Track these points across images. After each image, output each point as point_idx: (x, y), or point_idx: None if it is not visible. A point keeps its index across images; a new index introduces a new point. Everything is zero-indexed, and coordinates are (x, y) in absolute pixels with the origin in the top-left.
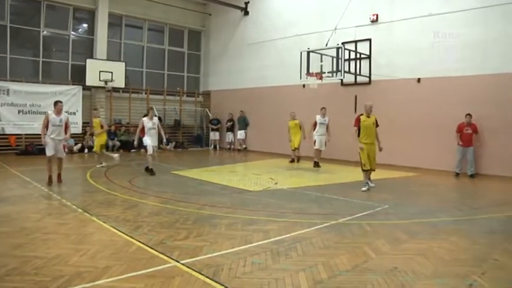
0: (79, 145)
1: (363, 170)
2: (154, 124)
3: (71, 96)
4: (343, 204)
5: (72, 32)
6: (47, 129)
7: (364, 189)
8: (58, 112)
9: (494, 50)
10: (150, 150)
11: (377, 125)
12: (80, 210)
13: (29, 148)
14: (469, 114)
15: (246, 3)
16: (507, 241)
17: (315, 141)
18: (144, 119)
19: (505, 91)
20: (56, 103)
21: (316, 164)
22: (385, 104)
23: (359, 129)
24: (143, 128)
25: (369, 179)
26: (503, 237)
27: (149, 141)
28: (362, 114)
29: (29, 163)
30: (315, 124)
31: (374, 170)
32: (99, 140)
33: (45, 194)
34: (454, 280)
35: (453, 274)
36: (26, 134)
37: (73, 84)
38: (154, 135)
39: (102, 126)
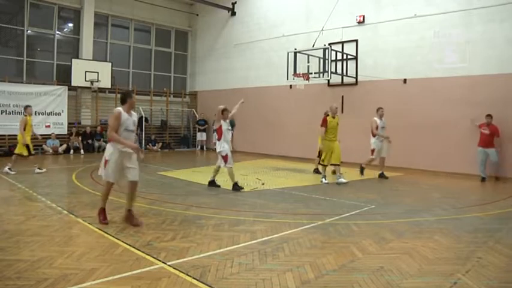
0: (64, 146)
1: (323, 165)
2: (229, 125)
3: (56, 96)
4: (330, 205)
5: (57, 32)
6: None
7: (325, 181)
8: (130, 108)
9: (477, 51)
10: (230, 162)
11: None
12: (65, 212)
13: (12, 149)
14: (489, 115)
15: (233, 4)
16: (490, 239)
17: (373, 150)
18: (222, 122)
19: (488, 92)
20: (127, 95)
21: (383, 175)
22: (372, 104)
23: (326, 130)
24: (220, 129)
25: (341, 173)
26: (486, 236)
27: (227, 146)
28: (328, 116)
29: None
30: (376, 128)
31: (339, 165)
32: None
33: (29, 196)
34: (439, 278)
35: (438, 273)
36: (9, 135)
37: (58, 85)
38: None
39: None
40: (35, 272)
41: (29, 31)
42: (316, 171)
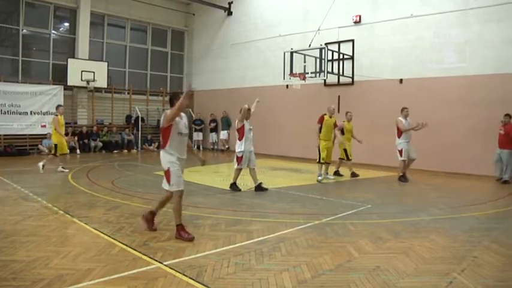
0: None
1: (321, 163)
2: (251, 125)
3: (52, 96)
4: (326, 204)
5: (53, 31)
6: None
7: (320, 178)
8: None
9: (473, 51)
10: (244, 164)
11: (335, 126)
12: (61, 212)
13: (8, 149)
14: (507, 115)
15: (230, 4)
16: (486, 238)
17: (401, 150)
18: (244, 121)
19: (485, 91)
20: (175, 96)
21: (404, 177)
22: (368, 104)
23: (321, 127)
24: (242, 128)
25: (327, 172)
26: (482, 235)
27: (247, 147)
28: (325, 114)
29: (8, 164)
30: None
31: (329, 164)
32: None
33: (25, 196)
34: (435, 277)
35: (434, 272)
36: (4, 135)
37: (54, 84)
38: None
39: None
40: (30, 273)
41: (24, 30)
42: (337, 173)
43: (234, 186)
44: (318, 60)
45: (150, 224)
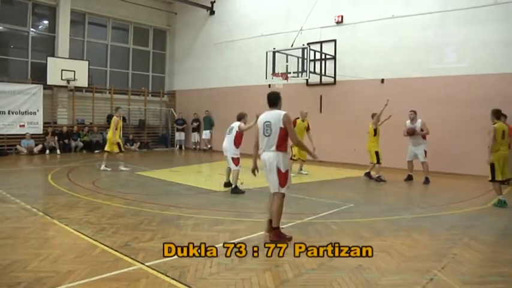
0: (40, 146)
1: (293, 160)
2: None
3: (31, 95)
4: (308, 204)
5: (32, 29)
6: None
7: (293, 175)
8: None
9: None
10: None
11: (309, 128)
12: (41, 213)
13: None
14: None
15: (212, 3)
16: (465, 236)
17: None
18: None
19: (465, 92)
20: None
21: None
22: (350, 104)
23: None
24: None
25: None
26: (462, 232)
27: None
28: (298, 118)
29: None
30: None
31: (304, 161)
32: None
33: (3, 198)
34: (416, 275)
35: (415, 269)
36: None
37: (33, 83)
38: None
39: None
40: (7, 276)
41: (1, 27)
42: (367, 174)
43: (236, 190)
44: (300, 60)
45: (281, 233)
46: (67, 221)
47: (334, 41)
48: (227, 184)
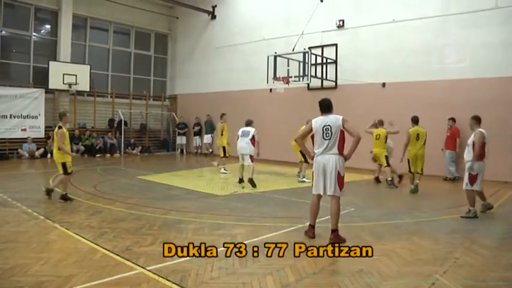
0: (41, 150)
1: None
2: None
3: (33, 99)
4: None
5: (34, 33)
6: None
7: (307, 180)
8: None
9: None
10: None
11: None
12: (42, 217)
13: None
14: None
15: (214, 7)
16: (466, 240)
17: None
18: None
19: (465, 95)
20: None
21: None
22: (351, 108)
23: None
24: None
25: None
26: (463, 236)
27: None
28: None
29: None
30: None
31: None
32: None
33: (3, 202)
34: (417, 279)
35: (416, 274)
36: None
37: (35, 87)
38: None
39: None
40: (8, 281)
41: (3, 32)
42: (377, 179)
43: (253, 181)
44: (301, 64)
45: (340, 235)
46: (68, 225)
47: (335, 45)
48: (241, 180)
